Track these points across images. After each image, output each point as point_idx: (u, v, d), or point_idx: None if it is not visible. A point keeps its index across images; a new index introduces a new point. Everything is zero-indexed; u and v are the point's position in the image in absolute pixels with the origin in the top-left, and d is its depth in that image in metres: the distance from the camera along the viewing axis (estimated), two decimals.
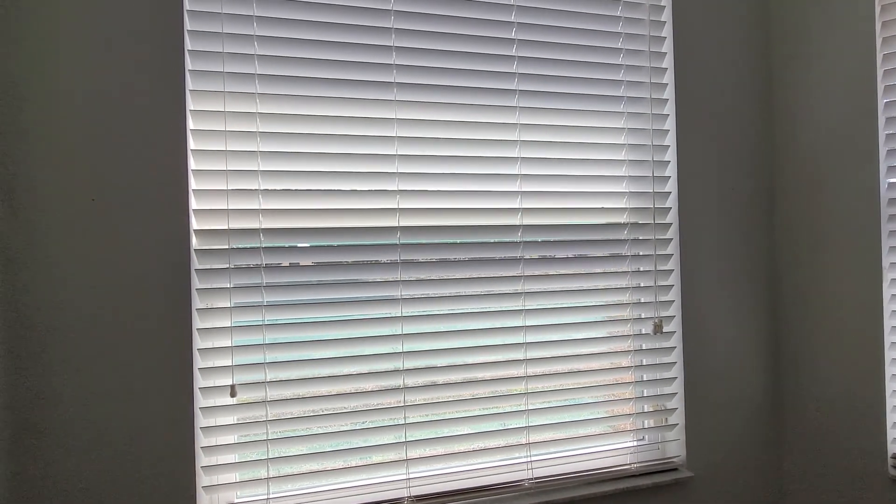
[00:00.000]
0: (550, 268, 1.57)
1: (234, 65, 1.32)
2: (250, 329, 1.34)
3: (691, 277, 1.72)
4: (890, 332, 1.64)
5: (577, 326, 1.60)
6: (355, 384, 1.40)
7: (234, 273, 1.33)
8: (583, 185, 1.61)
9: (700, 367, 1.72)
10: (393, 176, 1.44)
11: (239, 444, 1.33)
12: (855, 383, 1.68)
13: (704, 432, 1.72)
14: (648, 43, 1.69)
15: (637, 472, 1.64)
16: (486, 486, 1.51)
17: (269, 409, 1.34)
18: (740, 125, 1.79)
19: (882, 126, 1.65)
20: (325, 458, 1.38)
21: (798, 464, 1.80)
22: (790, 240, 1.81)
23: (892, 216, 1.64)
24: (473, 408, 1.49)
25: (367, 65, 1.41)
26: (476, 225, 1.51)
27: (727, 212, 1.77)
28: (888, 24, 1.64)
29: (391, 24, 1.44)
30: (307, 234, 1.38)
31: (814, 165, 1.76)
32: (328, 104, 1.40)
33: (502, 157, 1.53)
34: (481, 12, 1.51)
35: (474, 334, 1.50)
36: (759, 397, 1.80)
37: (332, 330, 1.40)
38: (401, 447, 1.43)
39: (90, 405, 1.22)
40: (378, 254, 1.43)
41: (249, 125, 1.34)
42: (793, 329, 1.80)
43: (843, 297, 1.70)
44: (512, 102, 1.54)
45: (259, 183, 1.35)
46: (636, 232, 1.67)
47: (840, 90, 1.71)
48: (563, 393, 1.58)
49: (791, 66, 1.80)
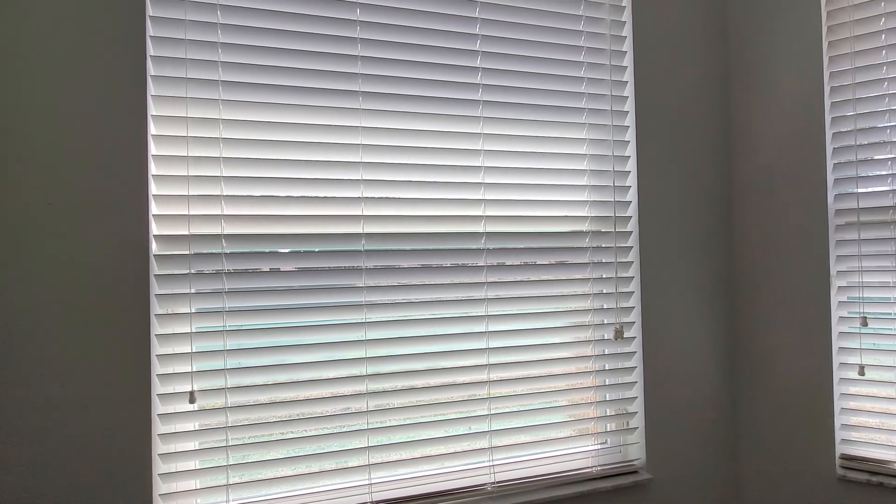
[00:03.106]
0: (513, 274, 1.57)
1: (198, 71, 1.30)
2: (211, 335, 1.31)
3: (651, 284, 1.73)
4: (837, 338, 1.68)
5: (540, 332, 1.60)
6: (318, 390, 1.38)
7: (195, 279, 1.30)
8: (546, 193, 1.62)
9: (659, 372, 1.74)
10: (358, 183, 1.43)
11: (199, 451, 1.30)
12: (806, 387, 1.71)
13: (664, 435, 1.73)
14: (609, 56, 1.71)
15: (598, 475, 1.64)
16: (449, 490, 1.49)
17: (229, 415, 1.31)
18: (698, 137, 1.82)
19: (829, 140, 1.69)
20: (286, 463, 1.35)
21: (753, 465, 1.82)
22: (746, 247, 1.84)
23: (839, 226, 1.68)
24: (437, 413, 1.48)
25: (333, 73, 1.40)
26: (440, 232, 1.50)
27: (686, 220, 1.79)
28: (833, 44, 1.68)
29: (357, 33, 1.43)
30: (270, 241, 1.35)
31: (768, 176, 1.80)
32: (293, 111, 1.38)
33: (466, 166, 1.53)
34: (447, 24, 1.52)
35: (438, 340, 1.49)
36: (716, 400, 1.81)
37: (295, 336, 1.37)
38: (363, 452, 1.41)
39: (42, 413, 1.17)
40: (343, 260, 1.41)
41: (212, 131, 1.32)
42: (748, 334, 1.83)
43: (794, 304, 1.74)
44: (476, 112, 1.54)
45: (221, 189, 1.32)
46: (598, 239, 1.68)
47: (791, 105, 1.75)
48: (525, 398, 1.57)
49: (746, 81, 1.84)
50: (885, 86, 1.60)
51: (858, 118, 1.64)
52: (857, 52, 1.64)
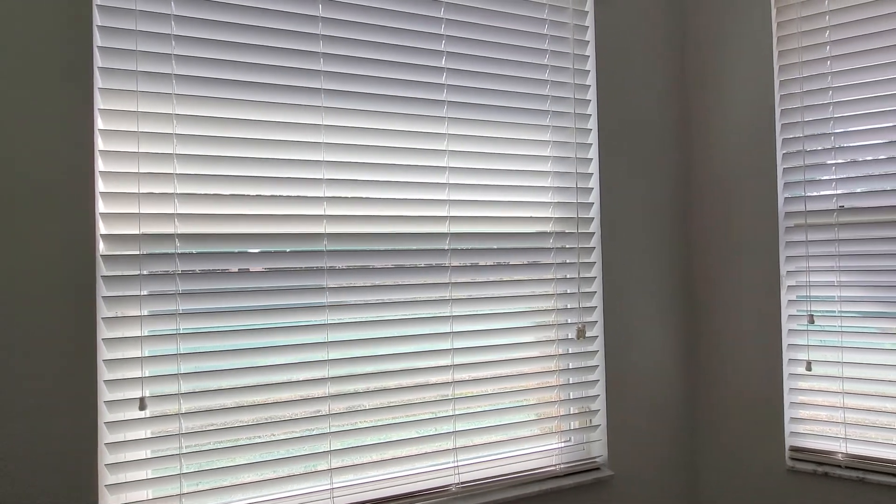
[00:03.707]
0: (478, 275, 1.57)
1: (149, 64, 1.24)
2: (164, 338, 1.25)
3: (612, 284, 1.76)
4: (787, 336, 1.74)
5: (505, 332, 1.60)
6: (277, 394, 1.34)
7: (147, 280, 1.24)
8: (510, 194, 1.62)
9: (621, 370, 1.77)
10: (319, 182, 1.39)
11: (151, 460, 1.24)
12: (759, 383, 1.77)
13: (625, 432, 1.76)
14: (573, 60, 1.73)
15: (562, 473, 1.65)
16: (413, 492, 1.47)
17: (182, 421, 1.26)
18: (658, 142, 1.86)
19: (779, 146, 1.76)
20: (243, 470, 1.30)
21: (710, 459, 1.87)
22: (704, 249, 1.89)
23: (788, 228, 1.75)
24: (400, 415, 1.46)
25: (294, 70, 1.37)
26: (404, 232, 1.48)
27: (646, 222, 1.83)
28: (784, 53, 1.75)
29: (319, 30, 1.40)
30: (227, 241, 1.31)
31: (724, 181, 1.85)
32: (252, 108, 1.34)
33: (431, 166, 1.52)
34: (411, 23, 1.50)
35: (402, 341, 1.47)
36: (675, 397, 1.86)
37: (254, 339, 1.33)
38: (325, 456, 1.38)
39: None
40: (304, 260, 1.38)
41: (165, 127, 1.26)
42: (706, 333, 1.88)
43: (747, 303, 1.80)
44: (441, 112, 1.53)
45: (175, 187, 1.27)
46: (561, 240, 1.70)
47: (745, 115, 1.81)
48: (490, 398, 1.57)
49: (703, 90, 1.89)
50: (830, 94, 1.67)
51: (806, 125, 1.71)
52: (805, 63, 1.71)
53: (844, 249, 1.65)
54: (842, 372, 1.65)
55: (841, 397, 1.65)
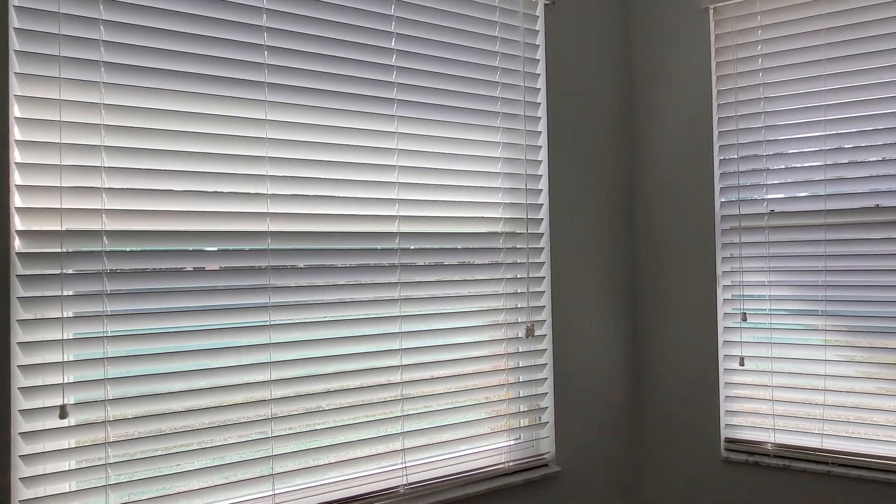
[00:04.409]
0: (427, 275, 1.56)
1: (75, 49, 1.16)
2: (90, 341, 1.17)
3: (560, 284, 1.79)
4: (723, 332, 1.83)
5: (454, 331, 1.59)
6: (214, 398, 1.28)
7: (71, 280, 1.15)
8: (460, 194, 1.62)
9: (568, 368, 1.80)
10: (263, 178, 1.34)
11: (76, 471, 1.15)
12: (697, 378, 1.85)
13: (572, 429, 1.79)
14: (523, 64, 1.75)
15: (511, 471, 1.66)
16: (360, 495, 1.44)
17: (110, 429, 1.18)
18: (606, 147, 1.91)
19: (716, 152, 1.84)
20: (177, 479, 1.23)
21: (653, 452, 1.93)
22: (647, 249, 1.95)
23: (724, 231, 1.83)
24: (347, 416, 1.43)
25: (236, 62, 1.31)
26: (352, 231, 1.45)
27: (593, 223, 1.87)
28: (721, 65, 1.83)
29: (263, 21, 1.35)
30: (160, 238, 1.24)
31: (667, 185, 1.92)
32: (189, 99, 1.27)
33: (380, 165, 1.49)
34: (360, 19, 1.47)
35: (349, 342, 1.44)
36: (620, 394, 1.91)
37: (189, 341, 1.26)
38: (266, 462, 1.33)
39: None
40: (246, 259, 1.32)
41: (93, 117, 1.18)
42: (649, 331, 1.94)
43: (687, 300, 1.87)
44: (391, 112, 1.51)
45: (103, 180, 1.19)
46: (511, 240, 1.71)
47: (686, 122, 1.88)
48: (439, 398, 1.56)
49: (648, 97, 1.95)
50: (762, 104, 1.76)
51: (740, 133, 1.79)
52: (740, 74, 1.79)
53: (774, 251, 1.74)
54: (771, 366, 1.74)
55: (770, 390, 1.74)
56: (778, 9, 1.72)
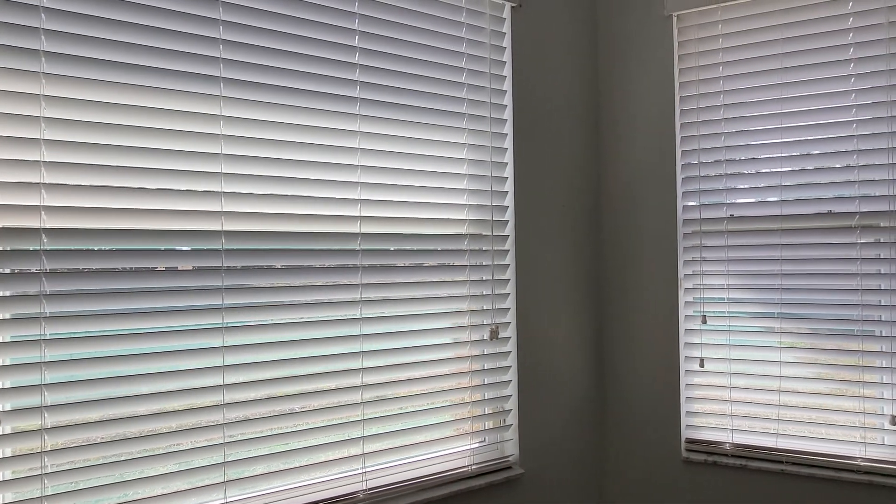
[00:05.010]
0: (390, 276, 1.53)
1: (12, 37, 1.10)
2: (27, 344, 1.11)
3: (525, 285, 1.79)
4: (684, 335, 1.85)
5: (417, 334, 1.57)
6: (162, 403, 1.23)
7: (6, 280, 1.09)
8: (425, 195, 1.60)
9: (532, 370, 1.79)
10: (217, 176, 1.30)
11: (10, 482, 1.08)
12: (659, 379, 1.86)
13: (536, 431, 1.79)
14: (489, 65, 1.74)
15: (474, 474, 1.64)
16: (317, 501, 1.40)
17: (46, 437, 1.12)
18: (571, 148, 1.91)
19: (679, 157, 1.86)
20: (121, 488, 1.18)
21: (616, 454, 1.94)
22: (613, 252, 1.96)
23: (686, 234, 1.85)
24: (305, 421, 1.39)
25: (192, 55, 1.26)
26: (312, 231, 1.41)
27: (558, 226, 1.87)
28: (684, 72, 1.86)
29: (220, 15, 1.30)
30: (105, 237, 1.18)
31: (631, 189, 1.94)
32: (140, 93, 1.22)
33: (341, 164, 1.46)
34: (322, 16, 1.44)
35: (308, 344, 1.40)
36: (584, 395, 1.91)
37: (136, 344, 1.21)
38: (218, 469, 1.28)
39: None
40: (197, 260, 1.27)
41: (31, 108, 1.12)
42: (612, 333, 1.96)
43: (650, 303, 1.88)
44: (353, 110, 1.48)
45: (42, 176, 1.13)
46: (476, 242, 1.69)
47: (649, 126, 1.90)
48: (402, 400, 1.53)
49: (612, 102, 1.97)
50: (722, 112, 1.79)
51: (701, 139, 1.82)
52: (702, 81, 1.82)
53: (732, 255, 1.77)
54: (729, 368, 1.77)
55: (729, 391, 1.77)
56: (738, 18, 1.76)
